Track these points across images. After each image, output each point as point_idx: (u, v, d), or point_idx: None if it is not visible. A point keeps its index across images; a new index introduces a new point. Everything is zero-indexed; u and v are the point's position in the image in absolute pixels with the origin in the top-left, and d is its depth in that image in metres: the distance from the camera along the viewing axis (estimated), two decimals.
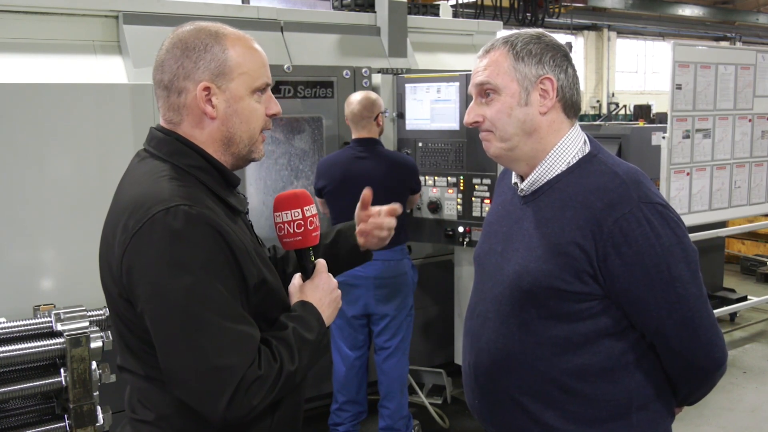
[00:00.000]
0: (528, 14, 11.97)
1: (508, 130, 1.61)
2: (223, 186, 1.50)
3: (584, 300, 1.55)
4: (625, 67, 24.65)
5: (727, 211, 5.14)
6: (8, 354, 2.46)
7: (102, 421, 2.63)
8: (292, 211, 1.58)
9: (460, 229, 3.98)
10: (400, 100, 4.18)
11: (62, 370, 2.53)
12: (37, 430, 2.53)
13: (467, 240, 3.96)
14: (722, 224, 5.60)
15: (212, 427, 1.39)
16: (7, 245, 3.23)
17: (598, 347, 1.57)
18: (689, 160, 4.76)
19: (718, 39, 23.57)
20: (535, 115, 1.60)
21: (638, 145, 5.33)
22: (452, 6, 10.67)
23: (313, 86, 3.99)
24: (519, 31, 1.65)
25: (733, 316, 6.11)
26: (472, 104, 1.66)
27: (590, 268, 1.52)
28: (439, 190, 4.08)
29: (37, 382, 2.50)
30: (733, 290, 6.36)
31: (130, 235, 1.34)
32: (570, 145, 1.63)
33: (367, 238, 1.82)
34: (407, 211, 3.99)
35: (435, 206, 4.07)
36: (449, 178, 4.03)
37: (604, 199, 1.52)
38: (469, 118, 1.66)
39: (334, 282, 1.62)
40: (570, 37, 21.60)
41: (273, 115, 1.55)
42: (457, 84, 3.92)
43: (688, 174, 4.78)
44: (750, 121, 5.13)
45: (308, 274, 1.61)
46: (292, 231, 1.58)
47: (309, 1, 10.37)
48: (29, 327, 2.62)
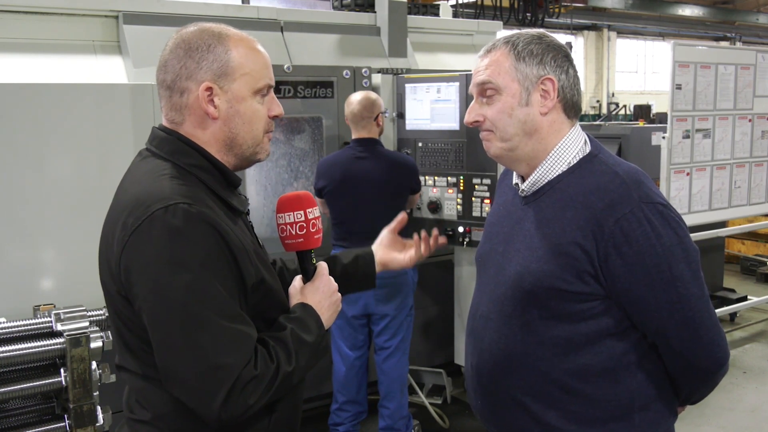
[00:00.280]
0: (528, 14, 11.96)
1: (509, 130, 1.61)
2: (223, 186, 1.50)
3: (586, 300, 1.55)
4: (625, 67, 24.65)
5: (727, 211, 5.15)
6: (8, 354, 2.46)
7: (102, 421, 2.63)
8: (295, 213, 1.58)
9: (460, 229, 3.99)
10: (400, 100, 4.18)
11: (62, 370, 2.53)
12: (37, 430, 2.52)
13: (467, 240, 3.96)
14: (722, 224, 5.61)
15: (209, 427, 1.39)
16: (7, 245, 3.23)
17: (600, 347, 1.57)
18: (689, 160, 4.77)
19: (718, 39, 23.57)
20: (535, 115, 1.60)
21: (638, 145, 5.33)
22: (452, 6, 10.67)
23: (313, 86, 3.99)
24: (520, 31, 1.65)
25: (733, 316, 6.11)
26: (473, 104, 1.66)
27: (591, 269, 1.52)
28: (439, 190, 4.08)
29: (37, 382, 2.50)
30: (733, 290, 6.36)
31: (129, 233, 1.34)
32: (571, 146, 1.63)
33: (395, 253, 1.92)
34: (407, 211, 3.99)
35: (435, 206, 4.07)
36: (449, 178, 4.03)
37: (604, 199, 1.52)
38: (470, 117, 1.66)
39: (335, 285, 1.62)
40: (570, 37, 21.61)
41: (275, 117, 1.55)
42: (457, 84, 3.92)
43: (688, 174, 4.78)
44: (750, 121, 5.13)
45: (309, 277, 1.61)
46: (294, 233, 1.58)
47: (309, 1, 10.37)
48: (29, 327, 2.61)
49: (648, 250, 1.49)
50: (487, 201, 3.88)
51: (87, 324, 2.61)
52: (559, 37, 1.71)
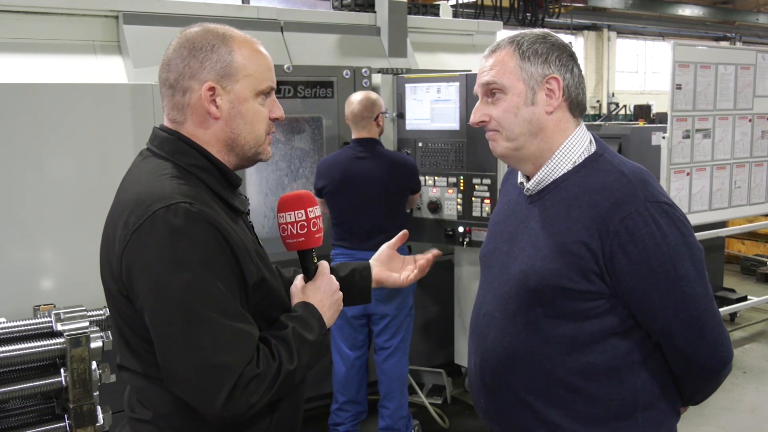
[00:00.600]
0: (528, 14, 11.96)
1: (515, 129, 1.62)
2: (224, 186, 1.50)
3: (590, 299, 1.55)
4: (625, 67, 24.64)
5: (727, 211, 5.15)
6: (8, 354, 2.46)
7: (102, 421, 2.63)
8: (296, 212, 1.58)
9: (460, 229, 3.99)
10: (400, 100, 4.18)
11: (62, 370, 2.53)
12: (37, 430, 2.52)
13: (467, 240, 3.96)
14: (722, 224, 5.60)
15: (210, 427, 1.39)
16: (7, 245, 3.24)
17: (604, 346, 1.57)
18: (689, 160, 4.77)
19: (718, 39, 23.56)
20: (541, 114, 1.61)
21: (638, 145, 5.33)
22: (452, 6, 10.67)
23: (313, 86, 3.99)
24: (525, 31, 1.65)
25: (733, 316, 6.11)
26: (479, 104, 1.67)
27: (596, 267, 1.52)
28: (439, 190, 4.08)
29: (37, 382, 2.50)
30: (733, 290, 6.36)
31: (130, 232, 1.35)
32: (576, 145, 1.63)
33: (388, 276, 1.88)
34: (407, 210, 3.99)
35: (435, 206, 4.07)
36: (449, 178, 4.03)
37: (610, 199, 1.53)
38: (475, 117, 1.66)
39: (336, 284, 1.63)
40: (570, 37, 21.61)
41: (276, 119, 1.55)
42: (457, 84, 3.92)
43: (688, 174, 4.78)
44: (750, 121, 5.13)
45: (310, 276, 1.61)
46: (295, 232, 1.59)
47: (309, 1, 10.38)
48: (29, 327, 2.61)
49: (653, 249, 1.49)
50: (487, 201, 3.88)
51: (87, 324, 2.60)
52: (559, 38, 1.71)
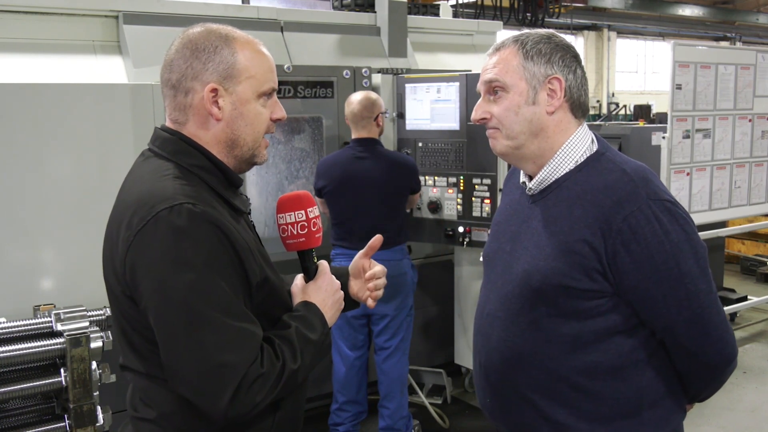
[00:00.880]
0: (528, 14, 11.95)
1: (515, 128, 1.62)
2: (225, 186, 1.50)
3: (594, 297, 1.55)
4: (625, 67, 24.64)
5: (727, 211, 5.14)
6: (8, 354, 2.46)
7: (102, 421, 2.63)
8: (296, 213, 1.59)
9: (460, 229, 3.99)
10: (400, 100, 4.18)
11: (62, 370, 2.53)
12: (37, 430, 2.53)
13: (467, 240, 3.96)
14: (722, 224, 5.60)
15: (213, 426, 1.39)
16: (7, 245, 3.23)
17: (608, 345, 1.58)
18: (689, 160, 4.76)
19: (718, 39, 23.56)
20: (542, 114, 1.61)
21: (638, 145, 5.33)
22: (452, 6, 10.67)
23: (313, 86, 3.99)
24: (530, 30, 1.66)
25: (733, 316, 6.10)
26: (480, 101, 1.67)
27: (599, 266, 1.53)
28: (439, 190, 4.08)
29: (37, 382, 2.50)
30: (733, 290, 6.36)
31: (134, 233, 1.35)
32: (577, 144, 1.63)
33: (360, 297, 1.84)
34: (407, 210, 3.99)
35: (435, 206, 4.07)
36: (449, 178, 4.03)
37: (612, 197, 1.53)
38: (477, 114, 1.67)
39: (337, 283, 1.63)
40: (570, 37, 21.57)
41: (277, 120, 1.56)
42: (457, 84, 3.92)
43: (688, 174, 4.78)
44: (750, 121, 5.13)
45: (311, 276, 1.62)
46: (295, 233, 1.59)
47: (309, 1, 10.37)
48: (29, 327, 2.62)
49: (656, 247, 1.50)
50: (487, 201, 3.88)
51: (87, 324, 2.61)
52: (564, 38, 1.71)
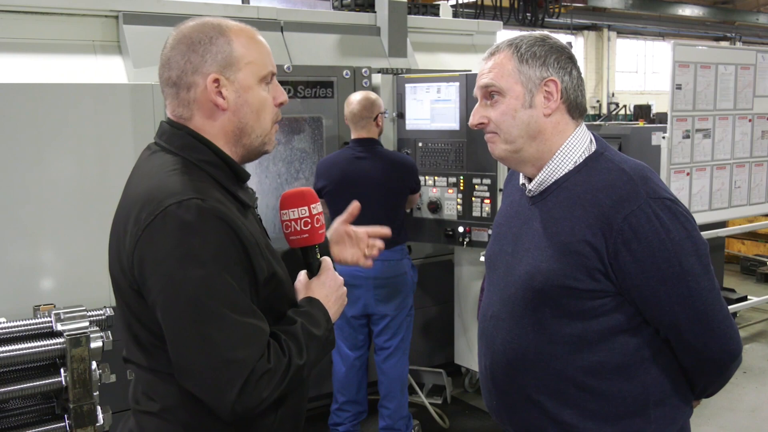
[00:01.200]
0: (528, 14, 11.96)
1: (513, 132, 1.62)
2: (233, 181, 1.51)
3: (597, 297, 1.56)
4: (625, 67, 24.63)
5: (727, 211, 5.14)
6: (8, 354, 2.45)
7: (102, 421, 2.63)
8: (299, 209, 1.60)
9: (460, 229, 3.99)
10: (400, 100, 4.18)
11: (62, 370, 2.53)
12: (37, 430, 2.52)
13: (467, 240, 3.96)
14: (722, 224, 5.60)
15: (217, 420, 1.40)
16: (7, 245, 3.23)
17: (613, 344, 1.58)
18: (689, 160, 4.76)
19: (718, 39, 23.56)
20: (539, 117, 1.61)
21: (638, 145, 5.33)
22: (452, 6, 10.67)
23: (313, 86, 3.99)
24: (524, 33, 1.66)
25: (733, 316, 6.07)
26: (477, 106, 1.68)
27: (601, 266, 1.53)
28: (439, 190, 4.08)
29: (37, 382, 2.50)
30: (733, 290, 6.36)
31: (142, 227, 1.35)
32: (576, 145, 1.64)
33: (342, 250, 1.82)
34: (407, 210, 3.99)
35: (435, 206, 4.07)
36: (449, 178, 4.03)
37: (612, 196, 1.54)
38: (474, 120, 1.68)
39: (340, 279, 1.64)
40: (570, 37, 21.59)
41: (280, 104, 1.56)
42: (457, 84, 3.92)
43: (688, 174, 4.78)
44: (750, 121, 5.13)
45: (314, 272, 1.62)
46: (299, 229, 1.60)
47: (309, 1, 10.37)
48: (29, 327, 2.61)
49: (657, 245, 1.50)
50: (487, 201, 3.88)
51: (87, 324, 2.60)
52: (559, 37, 1.72)
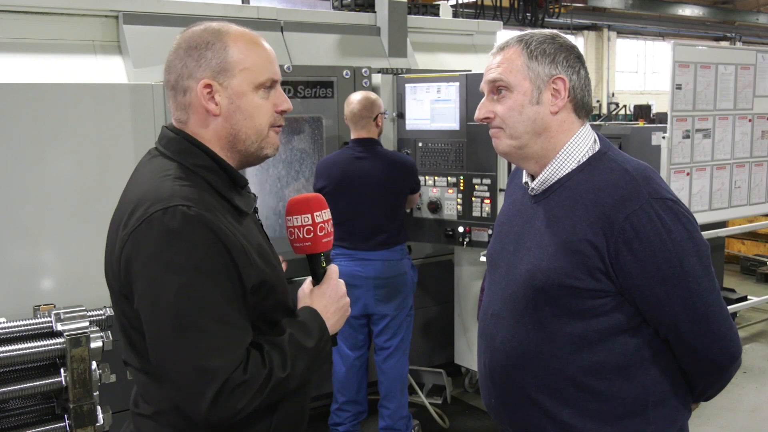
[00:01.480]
0: (528, 14, 11.95)
1: (518, 128, 1.62)
2: (230, 186, 1.50)
3: (597, 297, 1.55)
4: (625, 67, 24.63)
5: (727, 211, 5.14)
6: (8, 354, 2.46)
7: (102, 421, 2.63)
8: (302, 217, 1.58)
9: (460, 229, 3.98)
10: (400, 100, 4.18)
11: (62, 370, 2.53)
12: (37, 430, 2.52)
13: (467, 240, 3.96)
14: (722, 224, 5.60)
15: (203, 427, 1.39)
16: (7, 245, 3.23)
17: (613, 344, 1.58)
18: (689, 160, 4.76)
19: (718, 39, 23.56)
20: (545, 114, 1.61)
21: (638, 145, 5.33)
22: (452, 6, 10.66)
23: (313, 86, 3.99)
24: (534, 30, 1.66)
25: (733, 316, 6.09)
26: (484, 100, 1.68)
27: (602, 265, 1.53)
28: (439, 190, 4.08)
29: (37, 382, 2.50)
30: (733, 290, 6.36)
31: (128, 232, 1.36)
32: (580, 144, 1.64)
33: None
34: (407, 210, 3.99)
35: (435, 206, 4.07)
36: (449, 178, 4.03)
37: (614, 196, 1.54)
38: (480, 113, 1.67)
39: (343, 289, 1.62)
40: (570, 37, 21.54)
41: (282, 112, 1.54)
42: (457, 84, 3.92)
43: (688, 174, 4.77)
44: (750, 121, 5.13)
45: (318, 280, 1.62)
46: (301, 236, 1.59)
47: (309, 1, 10.36)
48: (29, 327, 2.61)
49: (659, 245, 1.50)
50: (487, 201, 3.88)
51: (87, 324, 2.60)
52: (568, 39, 1.72)
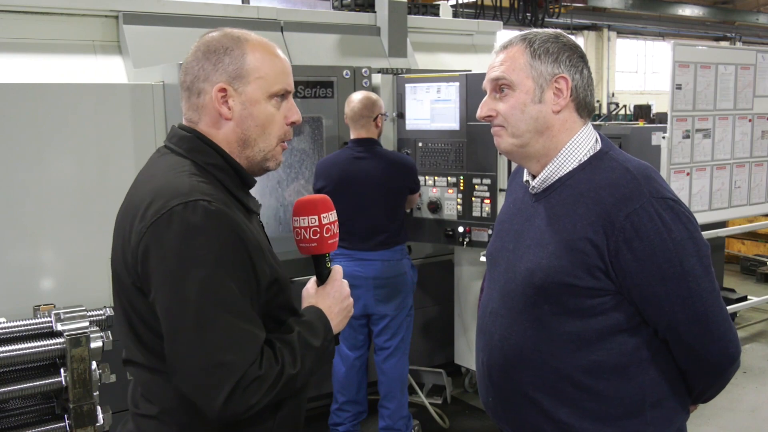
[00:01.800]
0: (528, 14, 11.95)
1: (521, 126, 1.62)
2: (239, 186, 1.53)
3: (596, 296, 1.55)
4: (625, 67, 24.64)
5: (727, 211, 5.14)
6: (8, 354, 2.46)
7: (102, 421, 2.63)
8: (309, 218, 1.60)
9: (460, 229, 3.99)
10: (400, 100, 4.18)
11: (62, 370, 2.53)
12: (37, 430, 2.53)
13: (467, 240, 3.96)
14: (722, 224, 5.60)
15: (214, 423, 1.40)
16: (7, 245, 3.23)
17: (611, 343, 1.58)
18: (689, 160, 4.76)
19: (718, 39, 23.56)
20: (547, 113, 1.62)
21: (638, 145, 5.33)
22: (452, 6, 10.66)
23: (313, 86, 3.99)
24: (538, 29, 1.66)
25: (733, 316, 6.10)
26: (486, 98, 1.68)
27: (602, 264, 1.53)
28: (439, 190, 4.08)
29: (37, 382, 2.50)
30: (733, 290, 6.36)
31: (147, 225, 1.36)
32: (582, 143, 1.64)
33: None
34: (407, 210, 3.99)
35: (435, 206, 4.07)
36: (449, 178, 4.03)
37: (615, 195, 1.54)
38: (482, 112, 1.67)
39: (347, 290, 1.64)
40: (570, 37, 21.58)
41: (292, 123, 1.56)
42: (457, 84, 3.92)
43: (688, 174, 4.77)
44: (750, 121, 5.13)
45: (323, 280, 1.63)
46: (308, 237, 1.60)
47: (309, 1, 10.37)
48: (29, 327, 2.62)
49: (659, 245, 1.50)
50: (487, 201, 3.88)
51: (87, 324, 2.61)
52: (571, 38, 1.72)
